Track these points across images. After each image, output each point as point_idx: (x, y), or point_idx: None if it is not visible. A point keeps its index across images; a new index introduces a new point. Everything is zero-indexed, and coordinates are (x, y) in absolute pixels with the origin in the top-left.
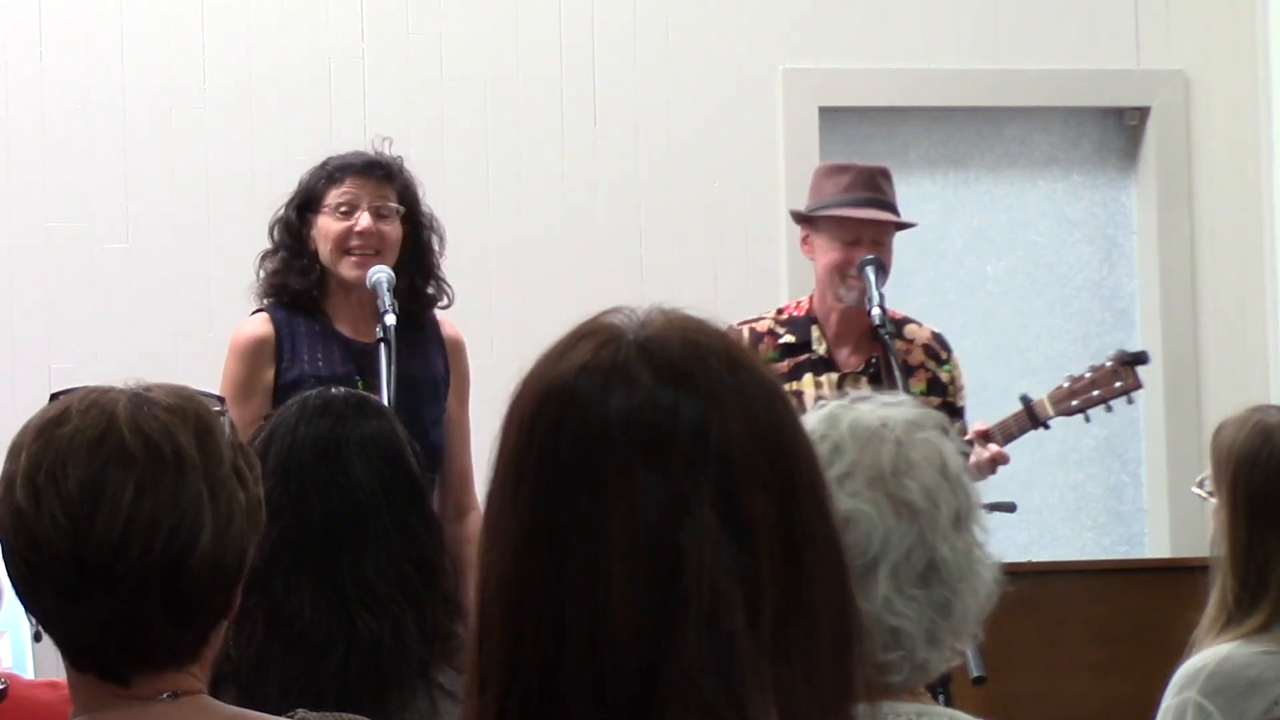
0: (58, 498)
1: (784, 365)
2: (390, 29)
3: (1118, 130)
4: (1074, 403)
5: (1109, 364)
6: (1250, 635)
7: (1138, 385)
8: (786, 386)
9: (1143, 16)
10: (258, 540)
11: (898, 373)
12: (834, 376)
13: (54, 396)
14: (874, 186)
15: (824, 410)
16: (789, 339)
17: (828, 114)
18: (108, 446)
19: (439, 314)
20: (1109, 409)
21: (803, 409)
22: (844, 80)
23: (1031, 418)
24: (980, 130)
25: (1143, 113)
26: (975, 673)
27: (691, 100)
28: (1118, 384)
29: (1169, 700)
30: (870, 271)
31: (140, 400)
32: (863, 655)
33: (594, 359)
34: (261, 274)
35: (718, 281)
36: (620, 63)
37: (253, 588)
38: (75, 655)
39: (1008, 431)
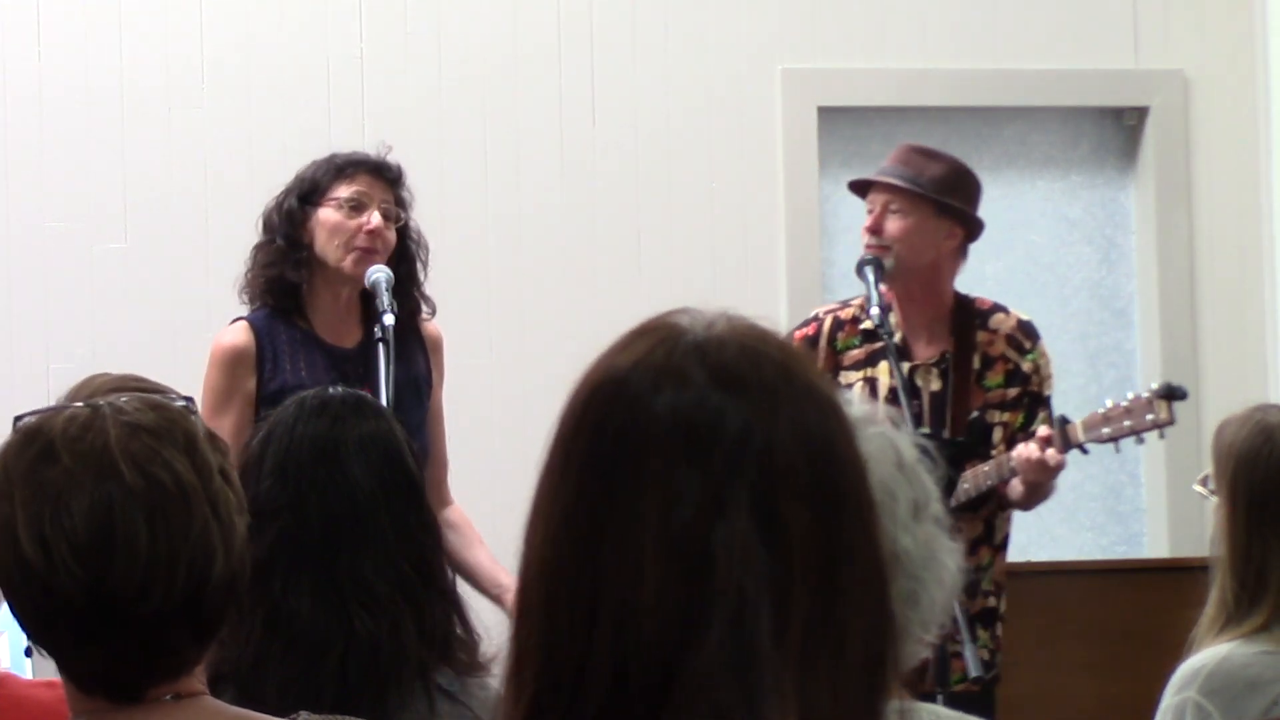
0: (69, 547)
1: (861, 352)
2: (389, 29)
3: (1116, 130)
4: (1105, 430)
5: (1146, 395)
6: (1249, 635)
7: (1170, 421)
8: (862, 373)
9: (1141, 16)
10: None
11: (897, 371)
12: (906, 366)
13: (17, 420)
14: (902, 160)
15: None
16: (868, 325)
17: (826, 114)
18: (109, 486)
19: (420, 316)
20: (1140, 440)
21: (874, 397)
22: (843, 80)
23: (1064, 440)
24: (979, 130)
25: (1141, 113)
26: (974, 673)
27: (690, 100)
28: (1149, 417)
29: (1168, 700)
30: (869, 272)
31: (127, 426)
32: (896, 672)
33: (649, 356)
34: (252, 265)
35: (716, 281)
36: (619, 62)
37: (251, 587)
38: (86, 683)
39: None
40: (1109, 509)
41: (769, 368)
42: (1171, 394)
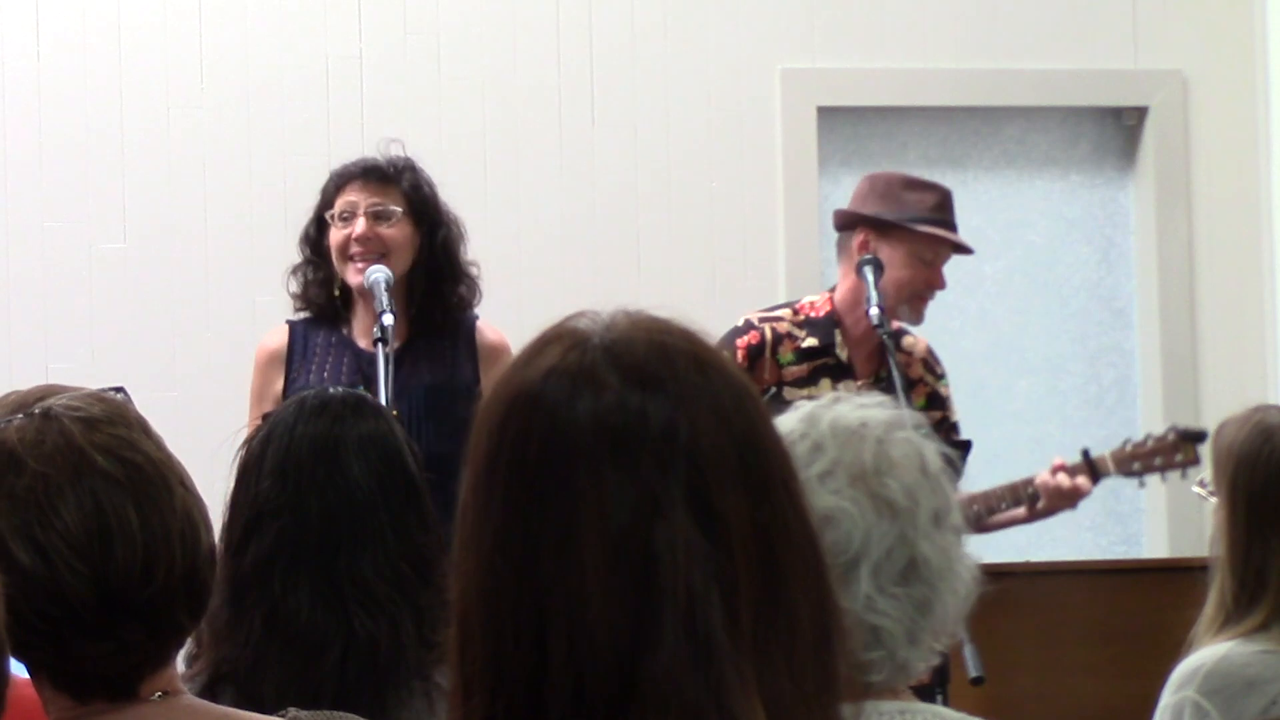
0: (68, 547)
1: (803, 369)
2: (388, 31)
3: (1116, 130)
4: (1135, 465)
5: (1171, 436)
6: (1248, 634)
7: (1196, 461)
8: (805, 391)
9: (1141, 16)
10: None
11: (896, 373)
12: (851, 384)
13: None
14: (951, 210)
15: (804, 410)
16: (811, 342)
17: (826, 114)
18: (89, 480)
19: (481, 321)
20: (1164, 479)
21: None
22: (842, 80)
23: (1090, 471)
24: (978, 130)
25: (1141, 112)
26: (974, 673)
27: (690, 100)
28: (1178, 457)
29: (1166, 699)
30: (869, 272)
31: (82, 421)
32: (845, 651)
33: (561, 363)
34: (293, 287)
35: (715, 281)
36: (618, 63)
37: (251, 587)
38: (87, 685)
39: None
40: (1108, 509)
41: (680, 360)
42: (1195, 437)
